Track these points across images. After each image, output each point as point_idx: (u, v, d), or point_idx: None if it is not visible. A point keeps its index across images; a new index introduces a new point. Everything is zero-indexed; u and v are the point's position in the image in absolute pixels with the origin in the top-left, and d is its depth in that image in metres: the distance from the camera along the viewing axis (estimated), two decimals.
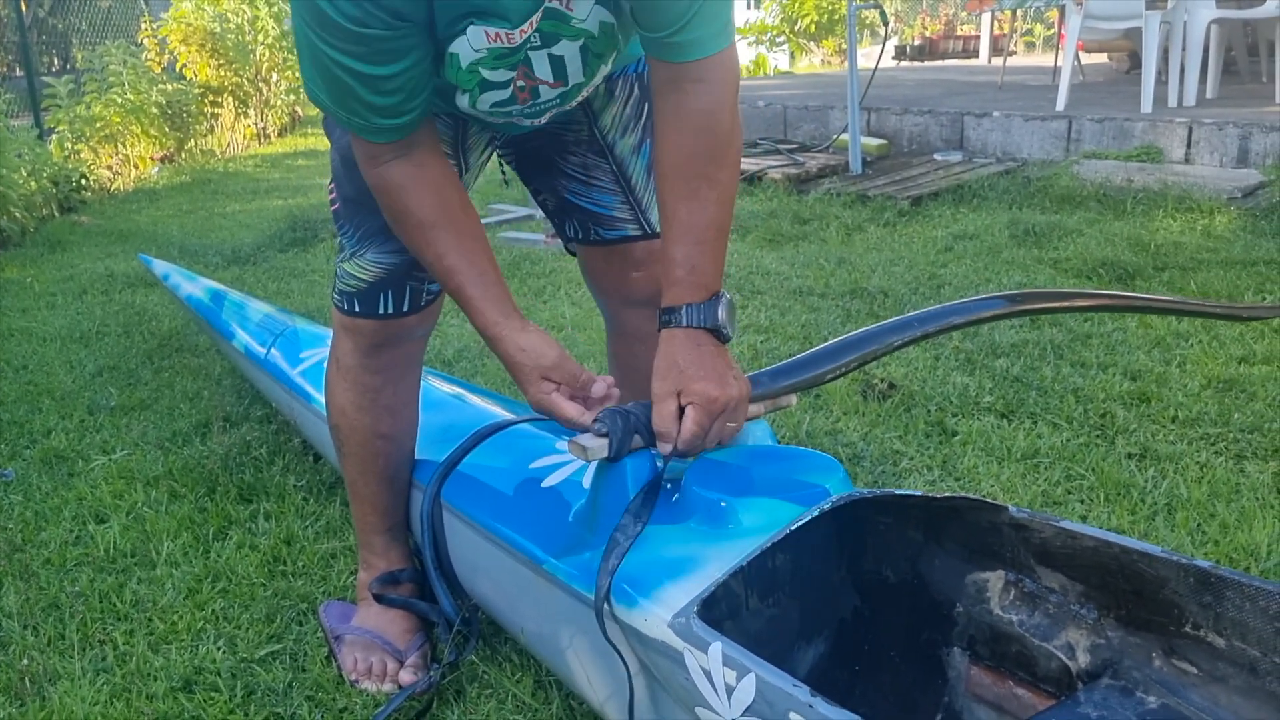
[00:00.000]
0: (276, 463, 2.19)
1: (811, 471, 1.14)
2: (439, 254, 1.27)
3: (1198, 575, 0.91)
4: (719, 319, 1.20)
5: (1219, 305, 1.66)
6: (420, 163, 1.26)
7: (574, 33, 1.23)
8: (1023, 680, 1.07)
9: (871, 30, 12.64)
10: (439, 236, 1.27)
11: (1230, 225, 3.89)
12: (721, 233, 1.23)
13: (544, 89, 1.28)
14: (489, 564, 1.42)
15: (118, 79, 6.69)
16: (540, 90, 1.28)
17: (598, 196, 1.54)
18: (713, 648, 0.94)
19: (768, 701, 0.87)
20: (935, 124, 5.68)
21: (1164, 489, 1.93)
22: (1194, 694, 0.94)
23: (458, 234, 1.28)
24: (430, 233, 1.27)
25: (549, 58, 1.25)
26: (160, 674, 1.53)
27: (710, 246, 1.22)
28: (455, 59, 1.21)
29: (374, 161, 1.26)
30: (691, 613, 0.98)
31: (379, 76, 1.15)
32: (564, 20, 1.20)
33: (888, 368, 2.56)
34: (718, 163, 1.22)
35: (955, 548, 1.11)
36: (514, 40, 1.19)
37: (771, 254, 3.85)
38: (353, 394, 1.52)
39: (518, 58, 1.22)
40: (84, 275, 4.03)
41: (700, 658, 0.95)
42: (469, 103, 1.29)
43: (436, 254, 1.27)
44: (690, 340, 1.20)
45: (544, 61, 1.25)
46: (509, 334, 1.26)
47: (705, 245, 1.21)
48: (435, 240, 1.27)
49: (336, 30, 1.10)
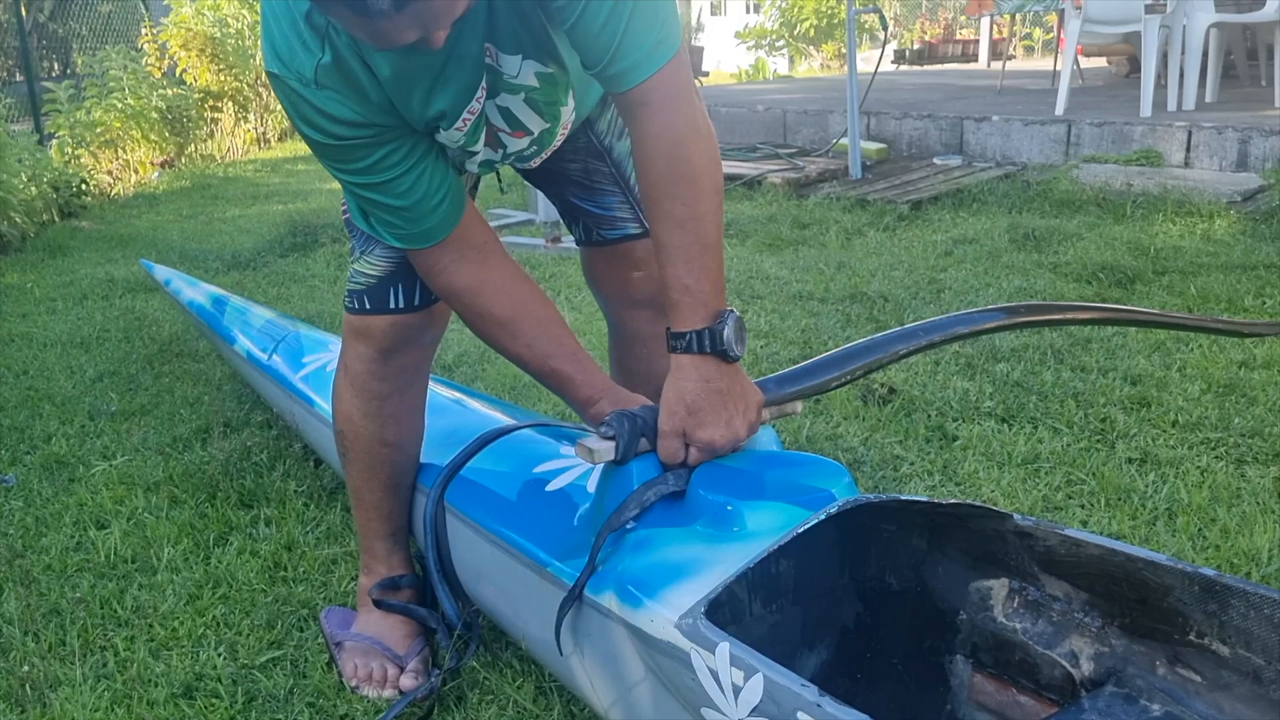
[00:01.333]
0: (277, 468, 2.18)
1: (818, 476, 1.14)
2: (529, 344, 1.32)
3: (1202, 583, 0.91)
4: (724, 341, 1.19)
5: (1219, 321, 1.66)
6: (482, 261, 1.32)
7: (510, 87, 1.28)
8: (1026, 688, 1.07)
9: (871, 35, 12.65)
10: (524, 329, 1.32)
11: (1230, 229, 3.89)
12: (709, 249, 1.21)
13: (505, 137, 1.34)
14: (492, 568, 1.42)
15: (118, 84, 6.70)
16: (502, 138, 1.34)
17: (600, 199, 1.56)
18: (720, 648, 0.94)
19: (775, 701, 0.87)
20: (935, 128, 5.69)
21: (1164, 494, 1.93)
22: (1198, 702, 0.94)
23: (540, 322, 1.33)
24: (514, 328, 1.32)
25: (497, 107, 1.31)
26: (161, 680, 1.53)
27: (699, 264, 1.20)
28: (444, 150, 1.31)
29: (438, 272, 1.32)
30: (699, 613, 0.98)
31: (389, 180, 1.24)
32: (498, 76, 1.27)
33: (888, 373, 2.56)
34: (686, 182, 1.19)
35: (959, 555, 1.11)
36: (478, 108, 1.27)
37: (771, 258, 3.85)
38: (360, 401, 1.53)
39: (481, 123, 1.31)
40: (84, 280, 4.03)
41: (707, 658, 0.95)
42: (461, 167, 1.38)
43: (527, 344, 1.32)
44: (698, 374, 1.19)
45: (495, 111, 1.31)
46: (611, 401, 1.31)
47: (693, 264, 1.20)
48: (521, 333, 1.32)
49: (332, 152, 1.22)
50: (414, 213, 1.27)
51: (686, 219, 1.19)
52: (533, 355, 1.32)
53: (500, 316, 1.32)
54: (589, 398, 1.32)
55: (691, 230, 1.19)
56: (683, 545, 1.10)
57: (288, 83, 1.18)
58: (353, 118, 1.19)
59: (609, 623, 1.13)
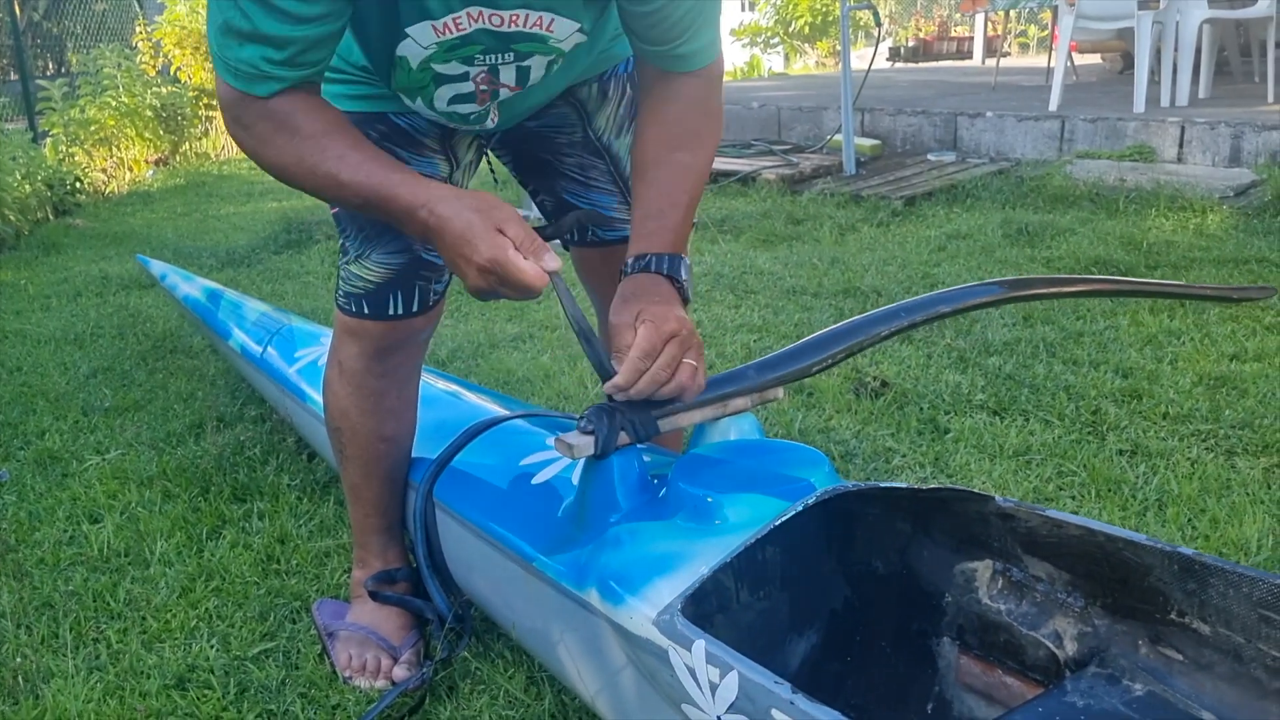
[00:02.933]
0: (270, 462, 2.19)
1: (797, 465, 1.14)
2: (340, 154, 1.12)
3: (1182, 563, 0.92)
4: (681, 272, 1.21)
5: (1209, 288, 1.66)
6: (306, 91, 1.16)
7: (548, 50, 1.25)
8: (1011, 669, 1.08)
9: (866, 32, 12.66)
10: (337, 140, 1.13)
11: (1222, 224, 3.90)
12: (693, 203, 1.27)
13: (503, 91, 1.30)
14: (481, 561, 1.42)
15: (112, 82, 6.70)
16: (500, 93, 1.30)
17: (595, 197, 1.54)
18: (696, 645, 0.94)
19: (750, 698, 0.88)
20: (929, 124, 5.69)
21: (1155, 485, 1.94)
22: (1180, 681, 0.95)
23: (355, 135, 1.16)
24: (325, 139, 1.13)
25: (517, 69, 1.26)
26: (153, 672, 1.53)
27: (683, 211, 1.25)
28: (404, 62, 1.21)
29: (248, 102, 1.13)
30: (675, 610, 0.98)
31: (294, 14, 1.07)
32: (542, 41, 1.22)
33: (880, 365, 2.57)
34: (697, 143, 1.27)
35: (943, 538, 1.12)
36: (463, 29, 1.17)
37: (765, 254, 3.86)
38: (357, 398, 1.52)
39: (470, 52, 1.21)
40: (79, 278, 4.03)
41: (684, 655, 0.95)
42: (425, 102, 1.29)
43: (338, 155, 1.12)
44: (652, 281, 1.21)
45: (511, 71, 1.26)
46: (447, 197, 1.10)
47: (679, 209, 1.24)
48: (334, 144, 1.13)
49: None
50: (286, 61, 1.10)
51: (690, 165, 1.26)
52: (345, 165, 1.12)
53: (312, 130, 1.13)
54: (416, 199, 1.10)
55: (692, 176, 1.26)
56: (664, 540, 1.10)
57: None
58: None
59: (593, 617, 1.13)
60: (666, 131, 1.26)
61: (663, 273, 1.21)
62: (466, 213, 1.07)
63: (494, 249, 1.05)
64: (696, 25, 1.21)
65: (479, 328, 3.09)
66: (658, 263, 1.21)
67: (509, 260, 1.05)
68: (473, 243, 1.06)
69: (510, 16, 1.17)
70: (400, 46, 1.18)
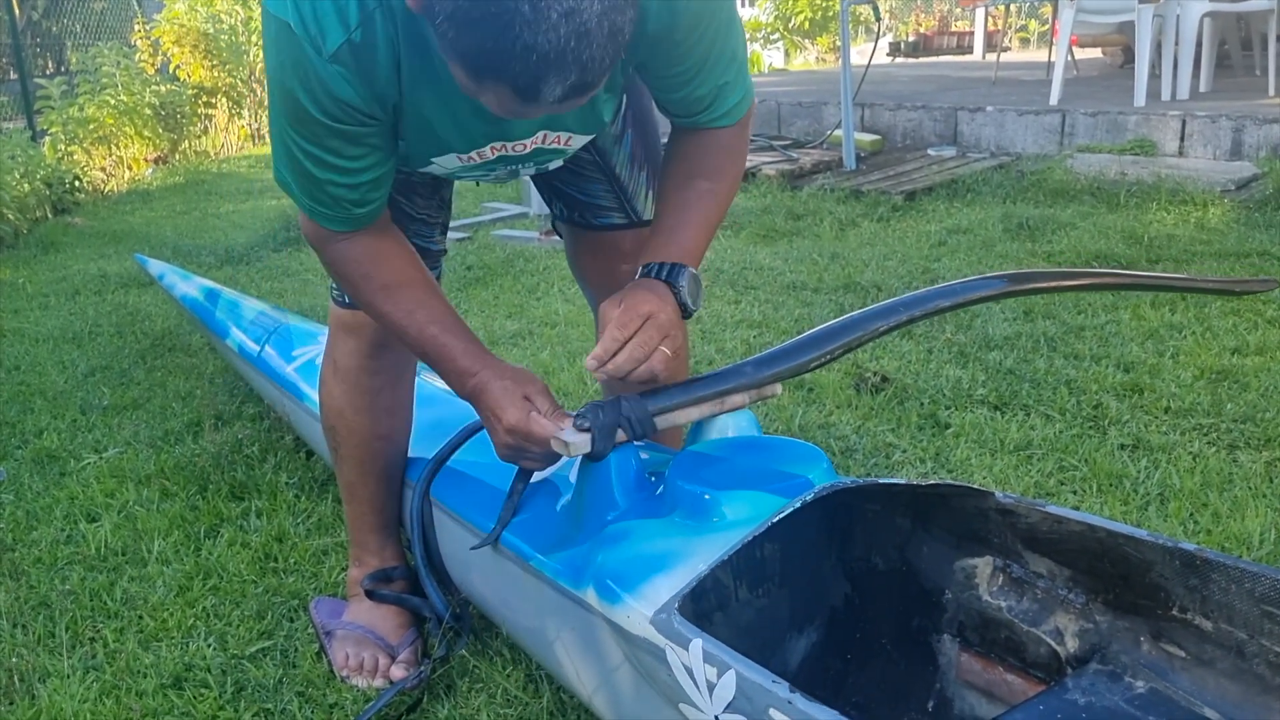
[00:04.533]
0: (268, 460, 2.18)
1: (795, 462, 1.13)
2: (409, 310, 1.26)
3: (1183, 558, 0.91)
4: (681, 279, 1.24)
5: (1211, 280, 1.65)
6: (379, 234, 1.29)
7: (568, 155, 1.36)
8: (1013, 666, 1.07)
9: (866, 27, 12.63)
10: (408, 294, 1.27)
11: (1224, 217, 3.89)
12: (708, 224, 1.30)
13: (522, 169, 1.38)
14: (478, 559, 1.42)
15: (111, 80, 6.68)
16: (519, 170, 1.38)
17: (585, 186, 1.55)
18: (693, 644, 0.93)
19: (748, 697, 0.87)
20: (929, 119, 5.68)
21: (1156, 479, 1.93)
22: (1182, 677, 0.94)
23: (426, 289, 1.28)
24: (398, 292, 1.27)
25: (536, 167, 1.38)
26: (150, 671, 1.53)
27: (694, 230, 1.28)
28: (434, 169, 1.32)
29: (331, 239, 1.27)
30: (673, 609, 0.98)
31: (349, 169, 1.18)
32: (561, 154, 1.32)
33: (880, 361, 2.56)
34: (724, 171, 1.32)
35: (943, 534, 1.11)
36: (485, 158, 1.27)
37: (765, 249, 3.85)
38: (352, 396, 1.52)
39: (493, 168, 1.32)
40: (77, 276, 4.03)
41: (681, 654, 0.95)
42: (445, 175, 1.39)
43: (407, 310, 1.26)
44: (648, 284, 1.24)
45: (530, 168, 1.37)
46: (493, 366, 1.24)
47: (691, 227, 1.28)
48: (404, 298, 1.27)
49: (312, 125, 1.13)
50: (351, 202, 1.22)
51: (706, 190, 1.30)
52: (412, 321, 1.26)
53: (386, 281, 1.27)
54: (467, 368, 1.24)
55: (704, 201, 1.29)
56: (661, 538, 1.09)
57: (301, 45, 1.07)
58: (351, 100, 1.11)
59: (590, 616, 1.13)
60: (691, 166, 1.31)
61: (661, 278, 1.24)
62: (503, 380, 1.22)
63: (519, 413, 1.20)
64: (725, 92, 1.25)
65: (478, 325, 3.08)
66: (659, 270, 1.25)
67: (531, 422, 1.19)
68: (504, 407, 1.20)
69: (530, 142, 1.26)
70: (429, 166, 1.31)
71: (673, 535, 1.09)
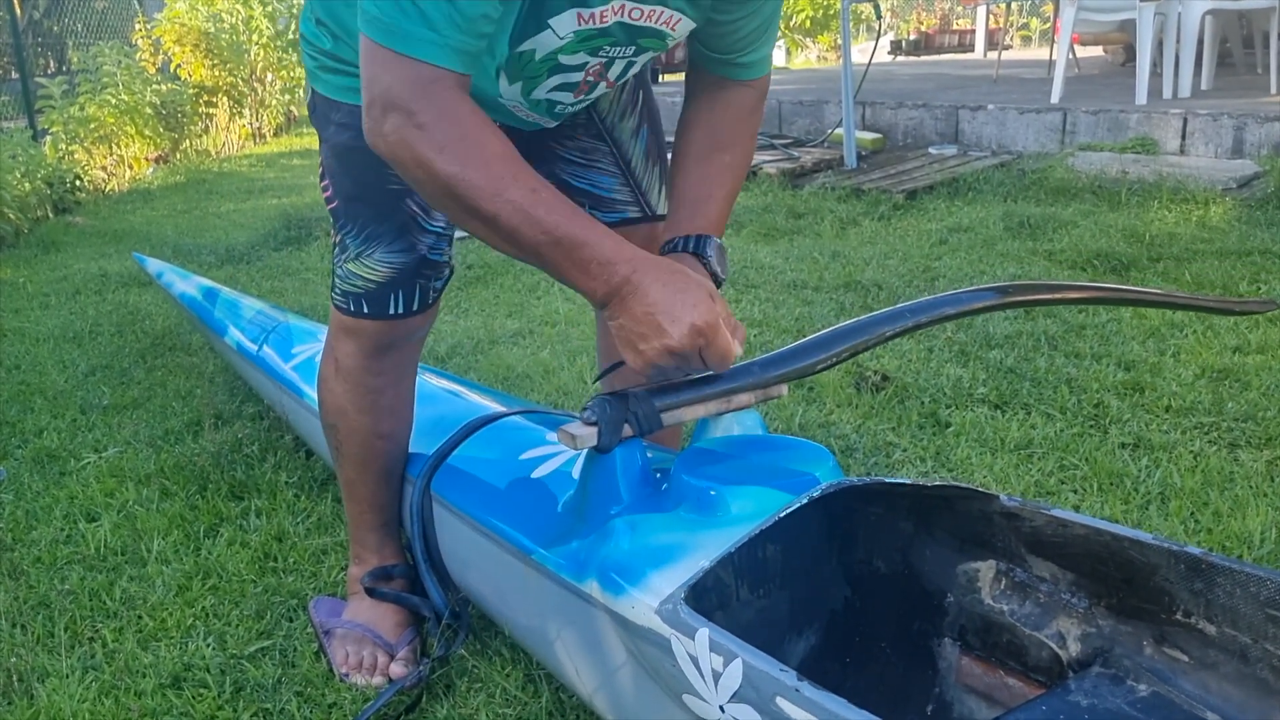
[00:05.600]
0: (268, 460, 2.18)
1: (801, 460, 1.13)
2: (533, 187, 1.04)
3: (1188, 562, 0.90)
4: (708, 250, 1.25)
5: (1211, 299, 1.65)
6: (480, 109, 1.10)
7: (662, 47, 1.26)
8: (1014, 670, 1.07)
9: (867, 25, 12.61)
10: (525, 170, 1.05)
11: (1225, 216, 3.88)
12: (730, 198, 1.33)
13: (601, 86, 1.33)
14: (479, 556, 1.41)
15: (112, 79, 6.67)
16: (599, 87, 1.33)
17: (596, 178, 1.54)
18: (699, 634, 0.93)
19: (754, 686, 0.86)
20: (930, 118, 5.67)
21: (1157, 478, 1.92)
22: (1185, 681, 0.93)
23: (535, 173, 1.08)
24: (515, 164, 1.04)
25: (626, 64, 1.28)
26: (149, 671, 1.52)
27: (718, 204, 1.30)
28: (527, 55, 1.19)
29: (437, 85, 1.03)
30: (679, 599, 0.97)
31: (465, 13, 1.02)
32: (663, 38, 1.23)
33: (881, 360, 2.56)
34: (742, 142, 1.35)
35: (946, 537, 1.11)
36: (606, 20, 1.15)
37: (766, 248, 3.84)
38: (354, 396, 1.51)
39: (601, 43, 1.19)
40: (78, 275, 4.02)
41: (687, 644, 0.94)
42: (521, 92, 1.27)
43: (530, 187, 1.04)
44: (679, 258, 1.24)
45: (621, 65, 1.28)
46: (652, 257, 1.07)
47: (714, 201, 1.30)
48: (523, 173, 1.04)
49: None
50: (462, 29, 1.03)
51: (728, 164, 1.32)
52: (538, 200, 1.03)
53: (499, 151, 1.04)
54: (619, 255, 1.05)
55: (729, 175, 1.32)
56: (666, 531, 1.09)
57: None
58: None
59: (592, 610, 1.12)
60: (712, 135, 1.32)
61: (689, 250, 1.25)
62: (680, 277, 1.07)
63: (712, 314, 1.06)
64: (762, 39, 1.30)
65: (479, 324, 3.08)
66: (685, 242, 1.26)
67: (720, 326, 1.07)
68: (694, 305, 1.05)
69: (648, 11, 1.19)
70: (532, 40, 1.15)
71: (678, 529, 1.09)
